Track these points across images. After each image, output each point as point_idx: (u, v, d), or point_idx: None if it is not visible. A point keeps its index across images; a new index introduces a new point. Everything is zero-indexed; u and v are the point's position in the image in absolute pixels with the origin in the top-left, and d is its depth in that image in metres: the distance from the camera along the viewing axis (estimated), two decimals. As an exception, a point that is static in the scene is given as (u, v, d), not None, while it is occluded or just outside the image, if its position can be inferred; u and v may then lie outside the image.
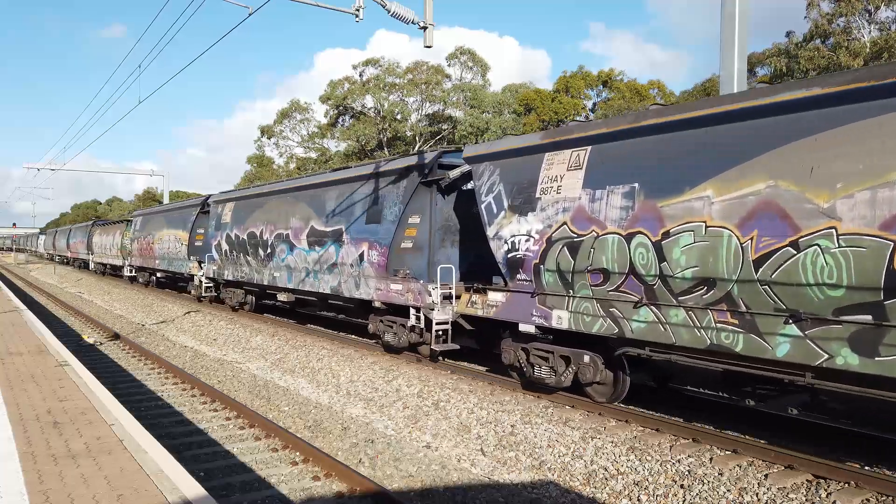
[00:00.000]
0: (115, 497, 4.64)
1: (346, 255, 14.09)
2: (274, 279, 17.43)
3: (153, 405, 10.75)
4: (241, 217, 19.66)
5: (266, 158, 56.06)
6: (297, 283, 16.25)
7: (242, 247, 19.17)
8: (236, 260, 19.83)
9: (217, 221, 21.41)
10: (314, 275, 15.48)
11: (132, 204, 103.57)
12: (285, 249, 16.67)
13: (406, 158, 13.07)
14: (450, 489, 7.18)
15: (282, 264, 16.94)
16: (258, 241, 18.10)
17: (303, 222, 15.92)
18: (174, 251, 26.35)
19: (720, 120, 7.46)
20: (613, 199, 8.42)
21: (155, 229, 29.30)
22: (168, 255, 27.22)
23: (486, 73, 48.73)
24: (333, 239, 14.58)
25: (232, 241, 19.92)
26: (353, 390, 11.42)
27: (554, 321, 9.32)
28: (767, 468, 7.03)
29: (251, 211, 19.02)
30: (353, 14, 9.93)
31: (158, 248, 28.50)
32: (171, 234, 26.87)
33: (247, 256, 18.95)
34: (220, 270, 21.22)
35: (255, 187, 20.71)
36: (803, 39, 32.58)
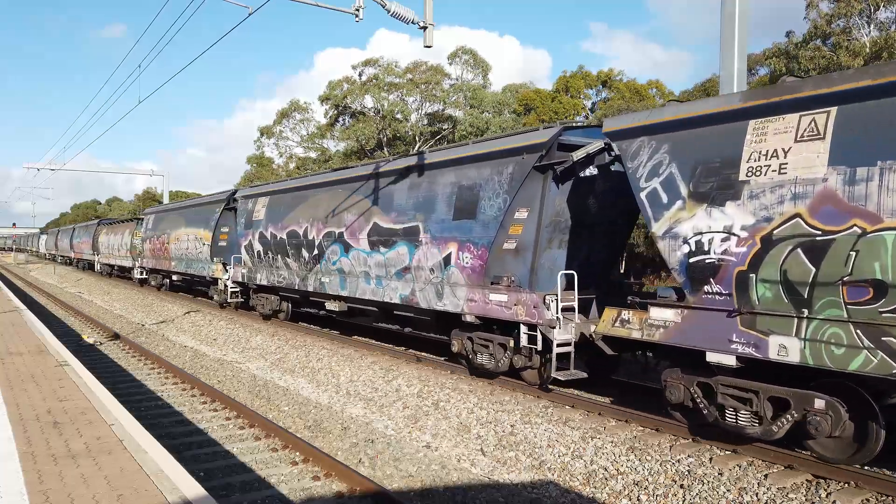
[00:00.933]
0: (115, 497, 4.64)
1: (425, 257, 11.81)
2: (322, 285, 15.23)
3: (153, 405, 10.75)
4: (278, 213, 17.29)
5: (266, 159, 56.06)
6: (353, 291, 14.05)
7: (280, 248, 17.00)
8: (272, 262, 17.68)
9: (247, 219, 19.09)
10: (377, 281, 13.18)
11: (132, 204, 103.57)
12: (338, 251, 14.43)
13: (518, 137, 10.72)
14: (450, 489, 7.18)
15: (332, 268, 14.74)
16: (301, 241, 15.89)
17: (362, 219, 13.59)
18: (194, 252, 23.86)
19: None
20: (894, 180, 6.10)
21: (171, 228, 26.90)
22: (186, 257, 24.76)
23: (487, 73, 48.76)
24: (406, 238, 12.29)
25: (266, 241, 17.69)
26: (353, 390, 11.41)
27: (772, 351, 6.93)
28: (767, 468, 7.03)
29: (292, 206, 16.64)
30: (353, 14, 9.92)
31: (175, 249, 26.03)
32: (190, 233, 24.36)
33: (285, 258, 16.81)
34: (250, 274, 18.98)
35: (297, 178, 18.26)
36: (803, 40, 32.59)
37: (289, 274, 16.83)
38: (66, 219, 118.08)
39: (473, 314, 10.91)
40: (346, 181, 14.69)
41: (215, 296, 22.36)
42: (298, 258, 16.16)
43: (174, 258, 26.34)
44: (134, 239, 33.35)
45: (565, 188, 10.17)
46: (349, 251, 14.09)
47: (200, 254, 23.20)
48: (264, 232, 17.82)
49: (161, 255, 28.20)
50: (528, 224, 10.22)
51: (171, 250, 26.51)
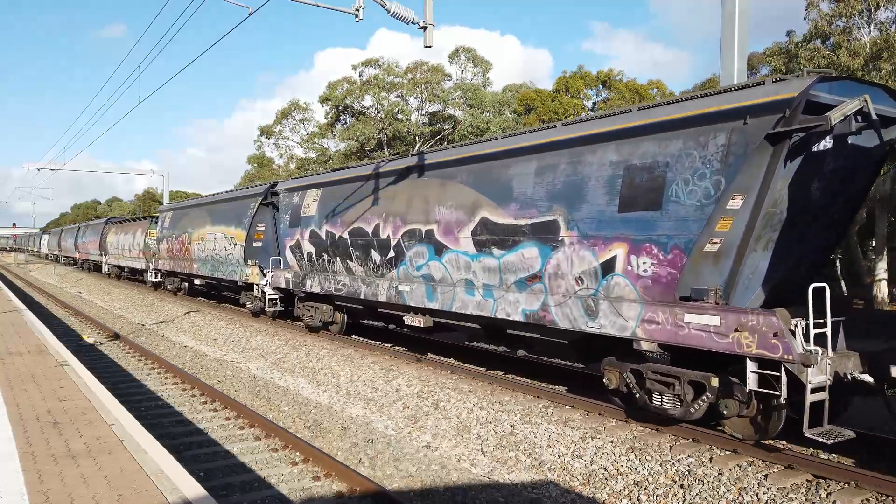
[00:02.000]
0: (115, 497, 4.64)
1: (568, 262, 9.00)
2: (399, 295, 12.44)
3: (153, 405, 10.75)
4: (337, 208, 14.65)
5: (266, 159, 56.09)
6: (446, 303, 11.29)
7: (339, 249, 14.44)
8: (327, 266, 15.09)
9: (293, 215, 16.46)
10: (485, 291, 10.48)
11: (132, 204, 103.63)
12: (424, 253, 11.79)
13: (734, 94, 7.59)
14: (450, 489, 7.18)
15: (415, 274, 12.09)
16: (370, 240, 13.26)
17: (462, 213, 10.88)
18: (222, 253, 21.00)
19: None
20: None
21: (193, 226, 24.05)
22: (213, 259, 21.94)
23: (487, 71, 48.80)
24: (535, 237, 9.54)
25: (321, 242, 15.16)
26: (353, 390, 11.42)
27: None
28: (767, 468, 7.03)
29: (356, 199, 13.92)
30: (353, 14, 9.92)
31: (198, 250, 23.20)
32: (217, 231, 21.54)
33: (346, 262, 14.29)
34: (296, 279, 16.36)
35: (363, 165, 15.05)
36: (803, 39, 32.61)
37: (350, 280, 14.13)
38: (66, 219, 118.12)
39: (654, 340, 7.98)
40: (436, 166, 11.79)
41: (248, 303, 19.80)
42: (365, 261, 13.61)
43: (197, 260, 23.64)
44: (148, 239, 30.78)
45: (792, 167, 7.53)
46: (443, 254, 11.35)
47: (231, 256, 20.40)
48: (317, 230, 15.24)
49: (180, 256, 25.56)
50: (739, 217, 7.66)
51: (194, 251, 23.79)
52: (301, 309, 16.92)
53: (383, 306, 13.58)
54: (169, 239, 26.81)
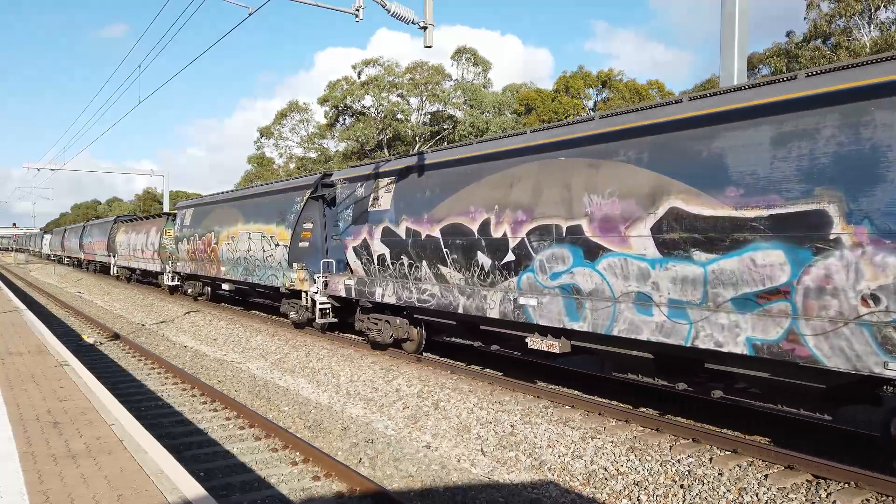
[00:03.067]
0: (115, 497, 4.64)
1: (846, 271, 6.36)
2: (520, 310, 9.83)
3: (153, 405, 10.75)
4: (419, 200, 12.05)
5: (266, 159, 56.13)
6: (601, 324, 8.63)
7: (427, 250, 11.81)
8: (406, 272, 12.59)
9: (357, 210, 13.95)
10: (674, 310, 7.77)
11: (132, 204, 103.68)
12: (565, 256, 9.15)
13: None
14: (450, 489, 7.18)
15: (548, 284, 9.44)
16: (475, 240, 10.69)
17: (634, 202, 8.16)
18: (259, 255, 18.35)
19: None
20: None
21: (221, 224, 21.37)
22: (246, 261, 19.23)
23: (487, 71, 48.86)
24: (779, 235, 6.84)
25: (398, 241, 12.54)
26: (353, 390, 11.42)
27: None
28: (767, 468, 7.03)
29: (452, 188, 11.32)
30: (353, 14, 9.93)
31: (227, 251, 20.52)
32: (253, 230, 18.88)
33: (437, 266, 11.71)
34: (362, 287, 13.79)
35: (462, 146, 11.79)
36: (803, 39, 32.63)
37: (442, 290, 11.50)
38: (67, 219, 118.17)
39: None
40: (581, 143, 9.06)
41: (292, 313, 17.16)
42: (467, 266, 10.99)
43: (225, 262, 20.90)
44: (164, 238, 28.09)
45: None
46: (597, 257, 8.67)
47: (270, 258, 17.71)
48: (393, 228, 12.65)
49: (204, 258, 22.80)
50: None
51: (221, 252, 21.07)
52: (365, 322, 14.11)
53: (492, 323, 11.16)
54: (190, 239, 24.06)
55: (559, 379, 11.56)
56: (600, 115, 9.13)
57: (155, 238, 29.08)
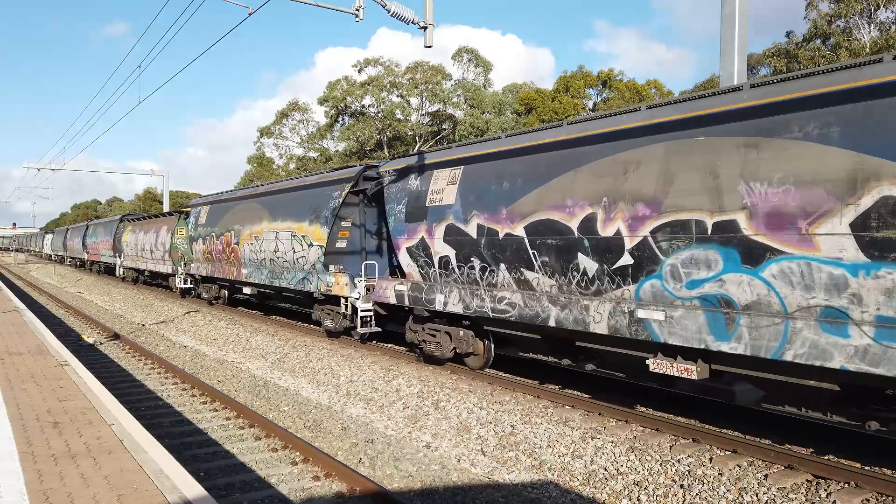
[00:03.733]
0: (115, 497, 4.64)
1: None
2: (639, 325, 8.12)
3: (153, 405, 10.75)
4: (493, 193, 10.35)
5: (266, 159, 56.17)
6: (762, 344, 6.94)
7: (504, 252, 10.10)
8: (477, 277, 10.75)
9: (412, 205, 12.15)
10: (883, 330, 6.12)
11: (132, 204, 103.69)
12: (711, 260, 7.40)
13: None
14: (450, 489, 7.18)
15: (683, 294, 7.71)
16: (575, 240, 8.90)
17: (821, 190, 6.52)
18: (288, 256, 16.72)
19: None
20: None
21: (243, 222, 19.60)
22: (273, 263, 17.59)
23: (488, 72, 48.89)
24: None
25: (465, 242, 10.84)
26: (353, 390, 11.42)
27: None
28: (767, 468, 7.04)
29: (537, 178, 9.58)
30: (353, 14, 9.94)
31: (250, 252, 18.86)
32: (281, 228, 17.20)
33: (520, 271, 9.86)
34: (418, 293, 12.01)
35: (548, 128, 10.10)
36: (803, 39, 32.64)
37: (526, 298, 9.75)
38: (67, 219, 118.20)
39: None
40: (732, 117, 7.41)
41: (327, 321, 15.47)
42: (562, 271, 9.15)
43: (248, 264, 19.24)
44: (176, 238, 26.46)
45: None
46: (763, 262, 6.96)
47: (301, 259, 16.07)
48: (459, 225, 10.91)
49: (222, 259, 21.14)
50: None
51: (243, 253, 19.39)
52: (420, 333, 12.31)
53: (595, 340, 9.44)
54: (206, 238, 22.38)
55: (560, 379, 11.56)
56: (751, 83, 7.54)
57: (166, 238, 27.45)
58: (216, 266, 21.91)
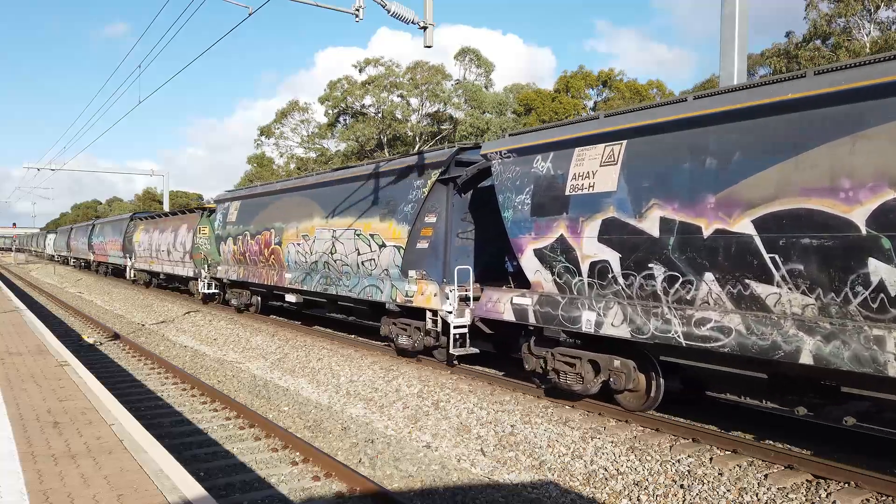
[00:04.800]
0: (115, 497, 4.64)
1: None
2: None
3: (153, 405, 10.75)
4: (688, 174, 7.71)
5: (266, 158, 56.18)
6: None
7: (713, 255, 7.44)
8: (652, 288, 8.11)
9: (536, 195, 9.70)
10: None
11: (132, 204, 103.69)
12: None
13: None
14: (450, 489, 7.18)
15: None
16: (861, 239, 6.28)
17: None
18: (351, 259, 14.26)
19: None
20: None
21: (286, 219, 17.21)
22: (330, 267, 15.11)
23: (490, 72, 48.93)
24: None
25: (639, 241, 8.20)
26: (353, 390, 11.42)
27: None
28: (767, 468, 7.04)
29: (769, 152, 6.99)
30: (353, 14, 9.93)
31: (296, 254, 16.57)
32: (340, 226, 14.70)
33: (741, 282, 7.24)
34: (553, 309, 9.43)
35: (770, 83, 7.23)
36: (803, 40, 32.66)
37: (754, 323, 7.12)
38: (67, 219, 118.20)
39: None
40: None
41: (402, 338, 12.89)
42: (829, 285, 6.56)
43: (293, 268, 16.86)
44: (198, 237, 24.27)
45: None
46: None
47: (370, 263, 13.69)
48: (627, 219, 8.32)
49: (259, 261, 18.81)
50: None
51: (288, 255, 17.04)
52: (551, 361, 9.70)
53: (891, 385, 6.57)
54: (237, 238, 20.08)
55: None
56: None
57: (186, 237, 25.05)
58: (249, 269, 19.35)
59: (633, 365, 8.83)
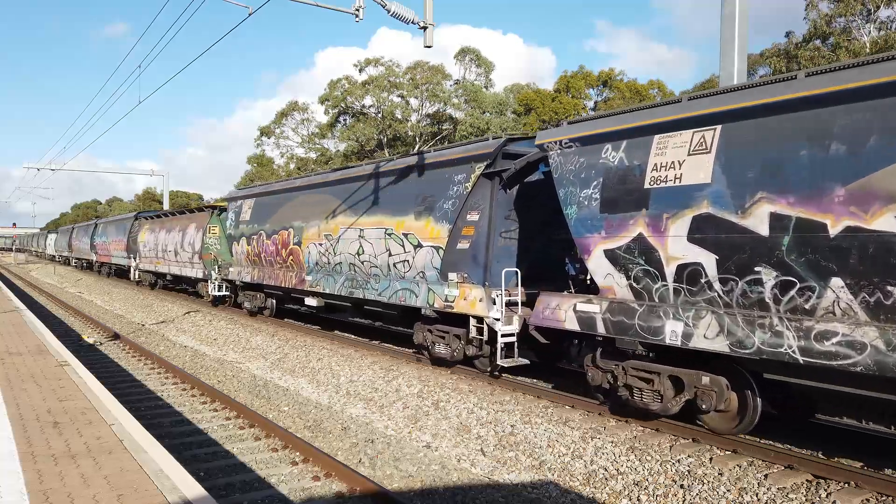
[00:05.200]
0: (115, 497, 4.64)
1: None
2: None
3: (153, 405, 10.76)
4: (820, 161, 6.56)
5: (266, 158, 56.19)
6: None
7: (844, 257, 6.33)
8: (758, 295, 7.07)
9: (606, 189, 8.72)
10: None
11: (132, 204, 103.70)
12: None
13: None
14: (450, 489, 7.18)
15: None
16: None
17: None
18: (381, 261, 13.28)
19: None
20: None
21: (307, 217, 16.20)
22: (357, 269, 14.16)
23: (489, 72, 48.94)
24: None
25: (742, 241, 7.15)
26: (353, 390, 11.42)
27: None
28: (767, 468, 7.03)
29: None
30: (353, 14, 9.94)
31: (319, 254, 15.55)
32: (369, 225, 13.72)
33: (885, 288, 6.08)
34: (630, 318, 8.40)
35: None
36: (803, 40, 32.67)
37: (892, 337, 6.13)
38: (67, 219, 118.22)
39: None
40: None
41: (439, 346, 11.89)
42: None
43: (315, 269, 15.87)
44: (207, 237, 23.44)
45: None
46: None
47: (403, 264, 12.69)
48: (729, 216, 7.27)
49: (276, 263, 17.76)
50: None
51: (308, 256, 16.05)
52: (621, 376, 8.69)
53: None
54: (251, 238, 19.04)
55: (560, 378, 11.56)
56: None
57: (195, 237, 24.06)
58: (265, 271, 18.22)
59: (726, 383, 7.77)
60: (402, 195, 12.85)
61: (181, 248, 25.46)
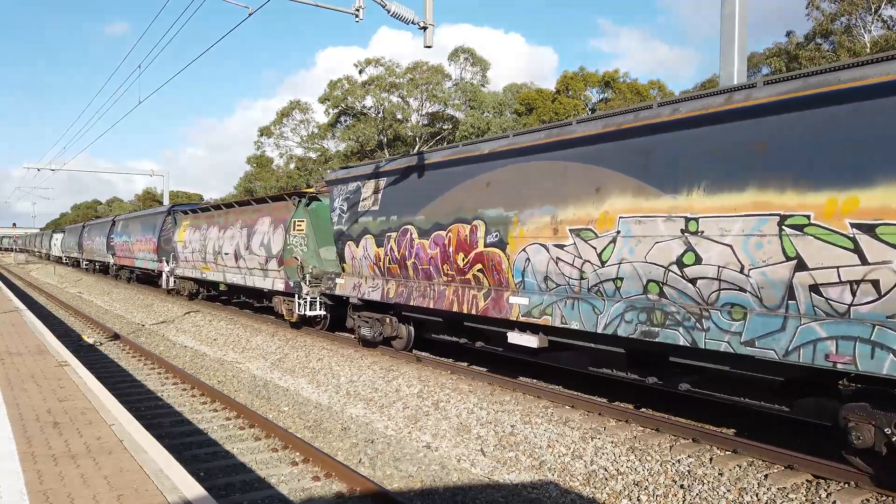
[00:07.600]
0: (115, 497, 4.64)
1: None
2: None
3: (153, 405, 10.75)
4: None
5: (266, 158, 56.18)
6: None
7: None
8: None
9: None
10: None
11: (132, 204, 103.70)
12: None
13: None
14: (450, 489, 7.18)
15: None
16: None
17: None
18: (759, 280, 6.78)
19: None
20: None
21: (515, 203, 10.05)
22: (666, 290, 7.73)
23: (486, 71, 48.91)
24: None
25: None
26: (353, 390, 11.42)
27: None
28: (767, 468, 7.03)
29: None
30: (353, 14, 9.94)
31: (546, 263, 9.43)
32: (706, 209, 7.27)
33: None
34: None
35: None
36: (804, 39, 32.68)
37: None
38: (67, 219, 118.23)
39: None
40: None
41: None
42: None
43: (534, 288, 9.72)
44: (292, 236, 16.91)
45: None
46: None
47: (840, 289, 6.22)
48: None
49: (443, 275, 11.61)
50: None
51: (520, 266, 9.84)
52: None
53: None
54: (384, 236, 13.18)
55: (559, 378, 11.55)
56: None
57: (271, 235, 17.75)
58: (411, 286, 12.55)
59: None
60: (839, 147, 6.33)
61: (246, 251, 19.06)
